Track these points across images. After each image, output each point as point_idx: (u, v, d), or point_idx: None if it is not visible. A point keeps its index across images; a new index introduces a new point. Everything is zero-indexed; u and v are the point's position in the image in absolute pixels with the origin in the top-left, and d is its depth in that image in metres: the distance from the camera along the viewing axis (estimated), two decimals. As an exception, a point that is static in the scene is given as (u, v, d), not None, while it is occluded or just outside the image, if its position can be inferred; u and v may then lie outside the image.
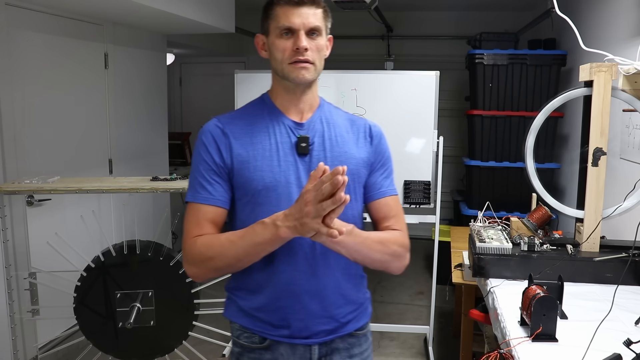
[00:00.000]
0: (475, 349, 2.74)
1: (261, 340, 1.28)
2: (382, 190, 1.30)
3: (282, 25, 1.20)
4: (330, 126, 1.29)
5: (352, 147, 1.28)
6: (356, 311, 1.33)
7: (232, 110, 1.34)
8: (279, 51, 1.21)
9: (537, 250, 1.99)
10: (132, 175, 3.46)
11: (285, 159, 1.23)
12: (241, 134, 1.24)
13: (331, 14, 1.28)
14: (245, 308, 1.28)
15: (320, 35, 1.22)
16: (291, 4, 1.19)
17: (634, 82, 1.94)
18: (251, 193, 1.21)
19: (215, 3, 3.67)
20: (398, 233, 1.28)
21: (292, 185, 1.21)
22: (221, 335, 2.46)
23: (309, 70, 1.21)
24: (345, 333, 1.31)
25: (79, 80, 3.30)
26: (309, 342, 1.27)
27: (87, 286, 2.24)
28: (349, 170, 1.20)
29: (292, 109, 1.28)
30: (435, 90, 3.11)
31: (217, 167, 1.23)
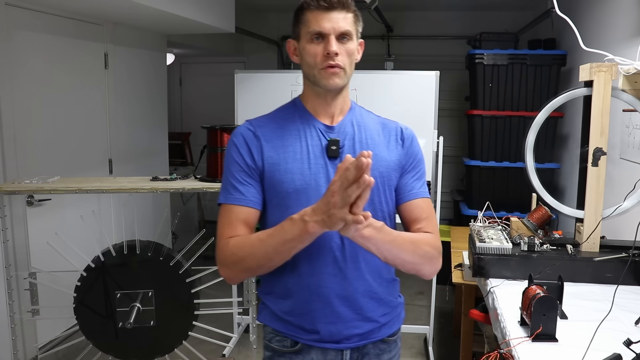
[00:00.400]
0: (475, 349, 2.75)
1: (293, 344, 1.28)
2: (413, 192, 1.29)
3: (312, 30, 1.20)
4: (361, 129, 1.29)
5: (383, 150, 1.28)
6: (390, 314, 1.33)
7: (264, 114, 1.34)
8: (310, 56, 1.21)
9: (537, 250, 1.99)
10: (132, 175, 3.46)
11: (316, 162, 1.23)
12: (272, 136, 1.25)
13: (362, 18, 1.27)
14: (277, 312, 1.29)
15: (351, 40, 1.22)
16: (321, 9, 1.19)
17: (634, 82, 1.94)
18: (281, 195, 1.22)
19: (215, 3, 3.67)
20: (430, 235, 1.26)
21: (322, 188, 1.20)
22: (221, 335, 2.46)
23: (339, 75, 1.21)
24: (378, 339, 1.30)
25: (79, 80, 3.30)
26: (340, 347, 1.27)
27: (87, 286, 2.24)
28: (380, 173, 1.23)
29: (323, 113, 1.28)
30: (435, 90, 3.11)
31: (248, 168, 1.23)
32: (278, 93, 3.26)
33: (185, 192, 4.83)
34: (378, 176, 1.23)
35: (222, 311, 2.42)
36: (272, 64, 5.90)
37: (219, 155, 2.32)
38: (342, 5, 1.20)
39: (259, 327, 1.80)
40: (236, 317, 3.44)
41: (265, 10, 5.71)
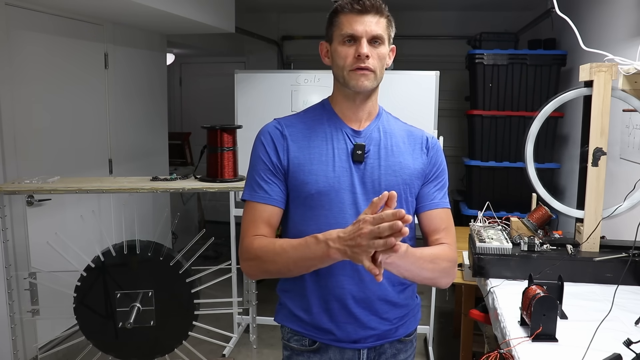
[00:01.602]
0: (475, 349, 2.75)
1: (311, 344, 1.31)
2: (434, 202, 1.31)
3: (345, 32, 1.21)
4: (388, 136, 1.31)
5: (407, 158, 1.30)
6: (406, 317, 1.35)
7: (293, 114, 1.36)
8: (340, 58, 1.23)
9: (537, 250, 1.99)
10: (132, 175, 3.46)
11: (341, 165, 1.25)
12: (299, 137, 1.27)
13: (394, 24, 1.29)
14: (294, 310, 1.31)
15: (383, 44, 1.24)
16: (355, 12, 1.21)
17: (634, 82, 1.94)
18: (304, 196, 1.24)
19: (215, 3, 3.67)
20: (447, 248, 1.27)
21: (345, 192, 1.23)
22: (221, 335, 2.46)
23: (369, 78, 1.23)
24: (395, 339, 1.33)
25: (79, 80, 3.30)
26: (357, 347, 1.29)
27: (87, 286, 2.23)
28: (403, 181, 1.26)
29: (351, 117, 1.30)
30: (435, 90, 3.11)
31: (274, 167, 1.26)
32: (278, 93, 3.26)
33: (185, 192, 4.83)
34: (401, 183, 1.26)
35: (222, 311, 2.42)
36: (272, 64, 5.90)
37: (219, 155, 2.32)
38: (375, 9, 1.21)
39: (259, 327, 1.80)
40: (236, 317, 3.44)
41: (265, 10, 5.71)
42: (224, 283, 2.41)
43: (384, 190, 1.15)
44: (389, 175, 1.25)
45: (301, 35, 5.71)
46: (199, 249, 2.28)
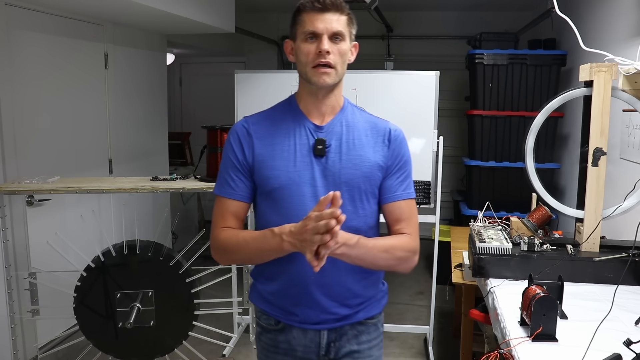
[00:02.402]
0: (475, 349, 2.75)
1: (276, 323, 1.40)
2: (396, 194, 1.36)
3: (307, 30, 1.27)
4: (350, 129, 1.35)
5: (369, 151, 1.34)
6: (365, 303, 1.40)
7: (262, 110, 1.43)
8: (303, 54, 1.29)
9: (537, 250, 1.99)
10: (132, 175, 3.46)
11: (302, 160, 1.31)
12: (264, 134, 1.35)
13: (356, 22, 1.35)
14: (263, 293, 1.41)
15: (343, 40, 1.29)
16: (316, 10, 1.27)
17: (634, 82, 1.94)
18: (267, 190, 1.32)
19: (215, 3, 3.67)
20: (406, 238, 1.34)
21: (305, 185, 1.30)
22: (221, 335, 2.46)
23: (330, 74, 1.28)
24: (355, 321, 1.40)
25: (79, 80, 3.30)
26: (318, 328, 1.37)
27: (87, 286, 2.24)
28: (363, 173, 1.32)
29: (314, 112, 1.36)
30: (435, 90, 3.11)
31: (239, 164, 1.34)
32: (278, 93, 3.22)
33: (185, 192, 4.83)
34: (361, 176, 1.32)
35: (222, 311, 2.42)
36: (272, 64, 5.90)
37: (219, 155, 2.32)
38: (335, 7, 1.27)
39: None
40: (236, 317, 3.44)
41: (265, 10, 5.71)
42: (224, 283, 2.42)
43: (344, 183, 1.30)
44: (349, 168, 1.31)
45: (301, 35, 5.70)
46: (199, 249, 2.28)
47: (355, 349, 1.41)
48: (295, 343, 1.39)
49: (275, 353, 1.43)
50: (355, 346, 1.41)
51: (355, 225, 1.30)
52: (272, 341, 1.42)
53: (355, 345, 1.41)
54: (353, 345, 1.41)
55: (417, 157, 3.16)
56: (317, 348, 1.39)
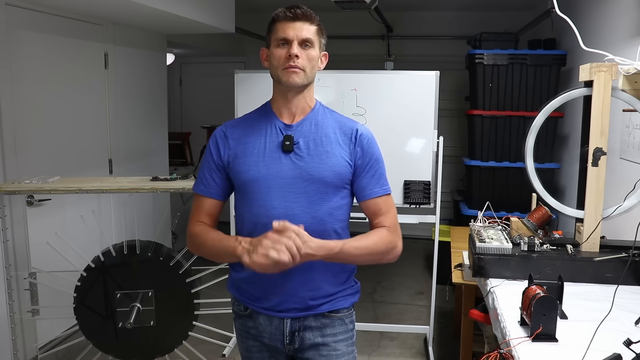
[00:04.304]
0: (475, 349, 2.74)
1: (245, 309, 1.52)
2: (371, 191, 1.45)
3: (279, 36, 1.40)
4: (319, 128, 1.46)
5: (335, 147, 1.44)
6: (331, 296, 1.47)
7: (242, 115, 1.56)
8: (275, 58, 1.41)
9: (537, 250, 1.99)
10: (132, 175, 3.46)
11: (271, 156, 1.42)
12: (240, 134, 1.47)
13: (326, 33, 1.47)
14: (236, 280, 1.52)
15: (312, 47, 1.41)
16: (288, 19, 1.39)
17: (634, 82, 1.94)
18: (239, 183, 1.44)
19: (215, 3, 3.67)
20: (385, 231, 1.44)
21: (273, 178, 1.41)
22: (221, 335, 2.46)
23: (298, 75, 1.40)
24: (318, 312, 1.47)
25: (79, 80, 3.30)
26: (282, 316, 1.46)
27: (87, 286, 2.24)
28: (329, 167, 1.41)
29: (285, 113, 1.47)
30: (435, 90, 3.11)
31: (215, 164, 1.47)
32: (278, 93, 3.25)
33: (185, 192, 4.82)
34: (328, 170, 1.41)
35: (222, 311, 2.42)
36: (272, 64, 5.90)
37: (219, 155, 2.32)
38: (305, 17, 1.40)
39: None
40: (236, 317, 3.44)
41: (265, 10, 5.70)
42: (224, 283, 2.41)
43: (312, 176, 1.39)
44: (316, 163, 1.41)
45: (301, 35, 5.70)
46: (199, 249, 2.28)
47: (320, 342, 1.48)
48: (262, 329, 1.49)
49: (247, 338, 1.54)
50: (319, 339, 1.47)
51: (319, 216, 1.41)
52: (243, 326, 1.54)
53: (320, 337, 1.47)
54: (317, 337, 1.47)
55: (417, 157, 3.17)
56: (282, 336, 1.47)
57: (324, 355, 1.48)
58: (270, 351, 1.52)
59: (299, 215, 1.38)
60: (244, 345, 1.56)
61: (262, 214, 1.40)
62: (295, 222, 1.30)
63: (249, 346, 1.54)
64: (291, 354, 1.51)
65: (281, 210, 1.39)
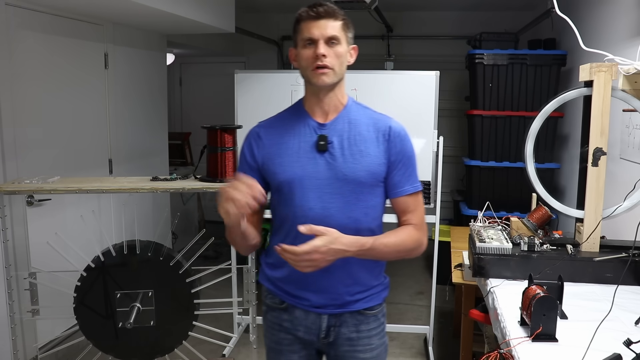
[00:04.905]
0: (475, 349, 2.75)
1: (280, 302, 1.52)
2: (402, 189, 1.46)
3: (304, 37, 1.39)
4: (353, 126, 1.45)
5: (370, 146, 1.44)
6: (365, 292, 1.49)
7: (275, 114, 1.56)
8: (303, 59, 1.41)
9: (537, 250, 1.99)
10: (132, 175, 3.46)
11: (306, 156, 1.43)
12: (274, 134, 1.48)
13: (352, 26, 1.45)
14: (270, 277, 1.53)
15: (339, 44, 1.40)
16: (311, 18, 1.38)
17: (634, 82, 1.94)
18: (275, 184, 1.45)
19: (215, 3, 3.67)
20: (413, 228, 1.46)
21: (308, 179, 1.41)
22: (221, 335, 2.46)
23: (328, 74, 1.39)
24: (354, 310, 1.48)
25: (79, 80, 3.30)
26: (320, 312, 1.48)
27: (87, 286, 2.23)
28: (363, 167, 1.41)
29: (317, 111, 1.47)
30: (435, 90, 3.11)
31: (248, 165, 1.49)
32: (278, 93, 3.26)
33: (185, 192, 4.83)
34: (362, 170, 1.42)
35: (222, 311, 2.42)
36: (272, 64, 5.90)
37: (219, 155, 2.32)
38: (329, 14, 1.38)
39: (259, 327, 1.85)
40: (236, 317, 3.44)
41: (265, 10, 5.71)
42: (224, 283, 2.42)
43: (347, 176, 1.40)
44: (351, 162, 1.41)
45: (301, 35, 5.70)
46: (199, 249, 2.29)
47: (354, 336, 1.50)
48: (297, 323, 1.50)
49: (279, 331, 1.54)
50: (354, 334, 1.50)
51: (355, 216, 1.42)
52: (277, 319, 1.54)
53: (355, 332, 1.50)
54: (352, 332, 1.50)
55: (417, 157, 3.11)
56: (318, 330, 1.49)
57: (360, 350, 1.51)
58: (303, 344, 1.53)
59: (335, 216, 1.40)
60: (275, 337, 1.56)
61: (298, 214, 1.41)
62: (332, 223, 1.34)
63: (280, 339, 1.54)
64: (324, 348, 1.54)
65: (318, 210, 1.40)
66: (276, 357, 1.56)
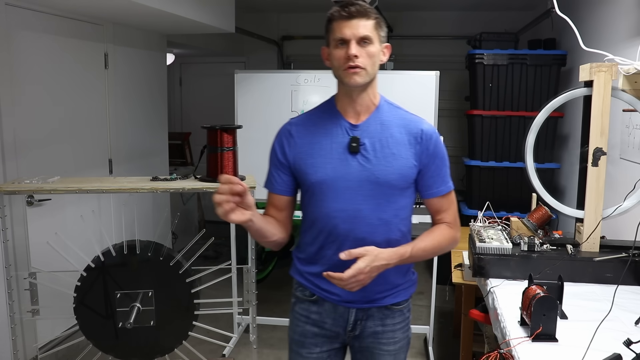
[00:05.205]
0: (475, 349, 2.74)
1: (311, 295, 1.55)
2: (436, 190, 1.49)
3: (337, 36, 1.39)
4: (385, 127, 1.46)
5: (401, 149, 1.45)
6: (393, 289, 1.53)
7: (306, 112, 1.56)
8: (335, 59, 1.41)
9: (537, 250, 1.99)
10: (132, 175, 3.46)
11: (338, 157, 1.43)
12: (305, 133, 1.48)
13: (385, 24, 1.47)
14: (301, 271, 1.56)
15: (372, 44, 1.40)
16: (343, 18, 1.38)
17: (634, 82, 1.94)
18: (307, 184, 1.46)
19: (215, 3, 3.67)
20: (446, 228, 1.51)
21: (340, 180, 1.42)
22: (221, 335, 2.46)
23: (360, 74, 1.39)
24: (382, 305, 1.53)
25: (79, 80, 3.30)
26: (348, 306, 1.51)
27: (87, 286, 2.23)
28: (395, 170, 1.42)
29: (350, 111, 1.47)
30: (435, 90, 3.11)
31: (279, 163, 1.50)
32: (278, 93, 3.26)
33: (185, 192, 4.83)
34: (394, 172, 1.43)
35: (222, 311, 2.42)
36: (272, 64, 5.90)
37: (219, 155, 2.32)
38: (361, 14, 1.38)
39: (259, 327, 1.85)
40: (236, 317, 3.44)
41: (265, 10, 5.71)
42: (224, 283, 2.42)
43: (378, 179, 1.41)
44: (382, 165, 1.42)
45: (301, 35, 5.71)
46: (199, 249, 2.28)
47: (379, 330, 1.54)
48: (325, 315, 1.53)
49: (305, 323, 1.57)
50: (379, 327, 1.54)
51: (386, 218, 1.44)
52: (305, 311, 1.56)
53: (380, 326, 1.54)
54: (378, 326, 1.54)
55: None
56: (345, 324, 1.53)
57: (383, 343, 1.55)
58: (328, 337, 1.55)
59: (366, 217, 1.42)
60: (300, 329, 1.58)
61: (330, 215, 1.43)
62: (362, 224, 1.41)
63: (305, 331, 1.57)
64: (349, 341, 1.57)
65: (349, 212, 1.42)
66: (298, 350, 1.58)
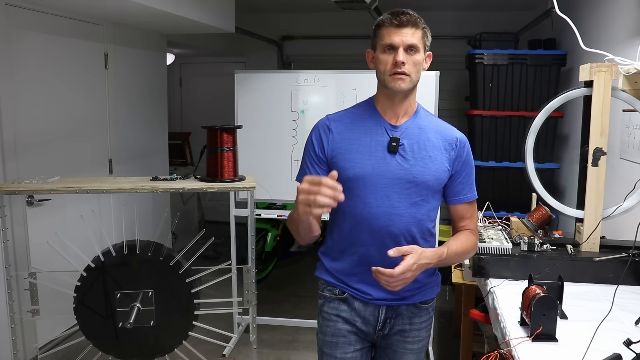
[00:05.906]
0: (475, 349, 2.75)
1: (341, 293, 1.58)
2: (461, 197, 1.56)
3: (385, 42, 1.45)
4: (422, 132, 1.52)
5: (437, 153, 1.51)
6: (421, 289, 1.58)
7: (343, 109, 1.61)
8: (382, 64, 1.46)
9: (537, 250, 1.99)
10: (132, 175, 3.46)
11: (377, 155, 1.48)
12: (343, 129, 1.53)
13: (430, 33, 1.51)
14: (330, 269, 1.59)
15: (418, 52, 1.46)
16: (393, 26, 1.44)
17: (634, 82, 1.94)
18: (343, 179, 1.44)
19: (215, 3, 3.67)
20: (470, 234, 1.58)
21: (378, 177, 1.47)
22: (221, 335, 2.46)
23: (404, 81, 1.45)
24: (410, 303, 1.58)
25: (79, 80, 3.30)
26: (378, 303, 1.55)
27: (87, 286, 2.23)
28: (430, 172, 1.48)
29: (390, 113, 1.53)
30: (435, 90, 3.11)
31: (316, 157, 1.54)
32: (278, 93, 3.26)
33: (185, 192, 4.83)
34: (430, 174, 1.49)
35: (222, 311, 2.42)
36: (272, 64, 5.90)
37: (219, 155, 2.32)
38: (411, 23, 1.44)
39: (259, 327, 1.86)
40: (236, 317, 3.44)
41: (265, 10, 5.71)
42: (224, 283, 2.41)
43: (416, 179, 1.46)
44: (419, 166, 1.48)
45: (301, 35, 5.71)
46: (199, 249, 2.28)
47: (407, 328, 1.59)
48: (355, 314, 1.56)
49: (335, 322, 1.59)
50: (407, 325, 1.59)
51: (418, 217, 1.50)
52: (335, 310, 1.59)
53: (408, 325, 1.59)
54: (405, 324, 1.58)
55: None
56: (375, 322, 1.57)
57: (409, 342, 1.60)
58: (358, 335, 1.58)
59: (401, 215, 1.47)
60: (331, 329, 1.59)
61: (365, 211, 1.47)
62: (396, 221, 1.46)
63: (337, 330, 1.58)
64: (376, 340, 1.61)
65: (384, 209, 1.47)
66: (331, 352, 1.59)
